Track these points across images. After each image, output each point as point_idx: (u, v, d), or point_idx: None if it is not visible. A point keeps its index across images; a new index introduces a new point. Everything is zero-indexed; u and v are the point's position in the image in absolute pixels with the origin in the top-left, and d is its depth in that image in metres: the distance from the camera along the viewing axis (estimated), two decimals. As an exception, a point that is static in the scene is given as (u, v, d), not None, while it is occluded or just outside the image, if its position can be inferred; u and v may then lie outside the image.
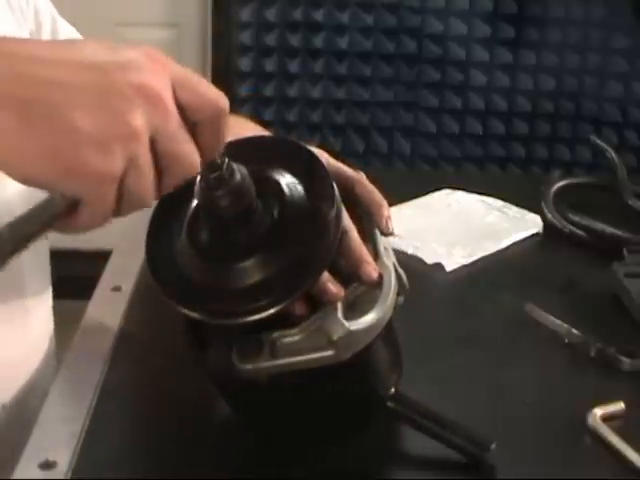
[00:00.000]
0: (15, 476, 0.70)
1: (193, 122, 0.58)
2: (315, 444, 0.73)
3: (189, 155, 0.57)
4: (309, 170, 0.68)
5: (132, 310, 0.95)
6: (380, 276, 0.69)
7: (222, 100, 0.58)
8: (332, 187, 0.67)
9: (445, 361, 0.88)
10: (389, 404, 0.74)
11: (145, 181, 0.56)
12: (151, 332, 0.93)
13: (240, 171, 0.63)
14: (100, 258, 1.04)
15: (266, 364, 0.65)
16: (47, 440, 0.75)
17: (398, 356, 0.75)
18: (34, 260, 0.91)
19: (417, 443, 0.75)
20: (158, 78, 0.55)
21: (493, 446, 0.72)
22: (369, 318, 0.67)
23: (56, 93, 0.53)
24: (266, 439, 0.75)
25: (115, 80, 0.54)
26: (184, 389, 0.83)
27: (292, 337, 0.66)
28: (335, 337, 0.65)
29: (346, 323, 0.65)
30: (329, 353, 0.65)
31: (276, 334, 0.66)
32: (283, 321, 0.66)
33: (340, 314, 0.66)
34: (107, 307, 0.96)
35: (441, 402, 0.77)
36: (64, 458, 0.73)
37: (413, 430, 0.75)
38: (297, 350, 0.66)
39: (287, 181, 0.67)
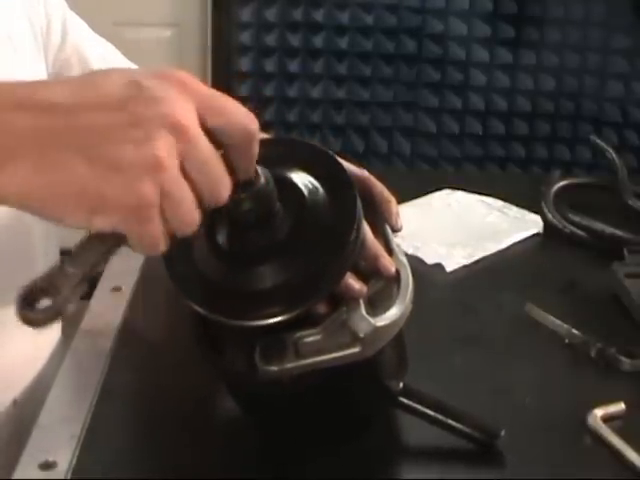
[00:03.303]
0: (15, 476, 0.70)
1: (224, 145, 0.57)
2: (329, 442, 0.73)
3: (219, 179, 0.57)
4: (331, 175, 0.68)
5: (132, 310, 0.95)
6: (397, 271, 0.69)
7: (251, 123, 0.58)
8: (354, 194, 0.67)
9: (445, 361, 0.88)
10: (401, 399, 0.74)
11: (182, 208, 0.55)
12: (151, 332, 0.93)
13: (264, 175, 0.63)
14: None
15: (291, 365, 0.65)
16: (47, 440, 0.75)
17: (404, 351, 0.75)
18: (45, 258, 0.92)
19: (426, 434, 0.76)
20: (181, 106, 0.55)
21: (502, 432, 0.74)
22: (392, 313, 0.67)
23: (76, 137, 0.54)
24: (276, 439, 0.75)
25: (136, 114, 0.54)
26: (185, 389, 0.83)
27: (314, 336, 0.66)
28: (362, 334, 0.65)
29: (372, 320, 0.66)
30: (355, 350, 0.66)
31: (298, 334, 0.65)
32: (304, 321, 0.66)
33: (364, 311, 0.66)
34: (107, 307, 0.96)
35: (441, 402, 0.77)
36: (64, 458, 0.73)
37: (416, 422, 0.75)
38: (321, 349, 0.66)
39: (308, 185, 0.67)
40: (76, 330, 0.91)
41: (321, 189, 0.67)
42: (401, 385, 0.75)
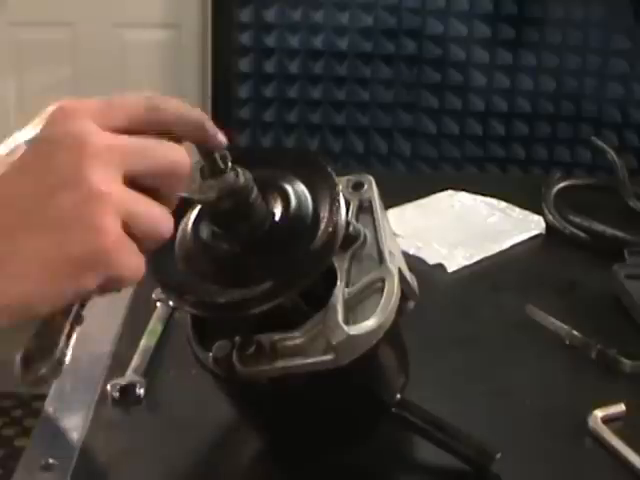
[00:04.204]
0: (16, 478, 0.71)
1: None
2: (318, 449, 0.73)
3: (172, 158, 0.54)
4: (315, 174, 0.68)
5: (132, 312, 0.95)
6: (383, 280, 0.68)
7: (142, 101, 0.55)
8: (338, 202, 0.67)
9: (446, 362, 0.88)
10: (394, 410, 0.73)
11: (149, 215, 0.52)
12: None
13: (244, 175, 0.63)
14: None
15: (266, 367, 0.65)
16: (47, 443, 0.75)
17: (404, 362, 0.75)
18: None
19: (421, 451, 0.75)
20: (87, 129, 0.51)
21: (498, 456, 0.72)
22: (369, 324, 0.66)
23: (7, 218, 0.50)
24: (268, 448, 0.75)
25: (48, 165, 0.50)
26: (184, 393, 0.83)
27: (293, 340, 0.65)
28: (334, 342, 0.64)
29: (346, 327, 0.65)
30: (328, 357, 0.65)
31: (277, 336, 0.65)
32: (284, 323, 0.66)
33: (340, 318, 0.65)
34: (107, 308, 0.96)
35: (441, 403, 0.77)
36: (64, 460, 0.73)
37: (418, 438, 0.74)
38: (298, 353, 0.65)
39: (296, 189, 0.67)
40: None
41: (305, 189, 0.67)
42: (398, 396, 0.73)
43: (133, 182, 0.52)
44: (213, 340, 0.68)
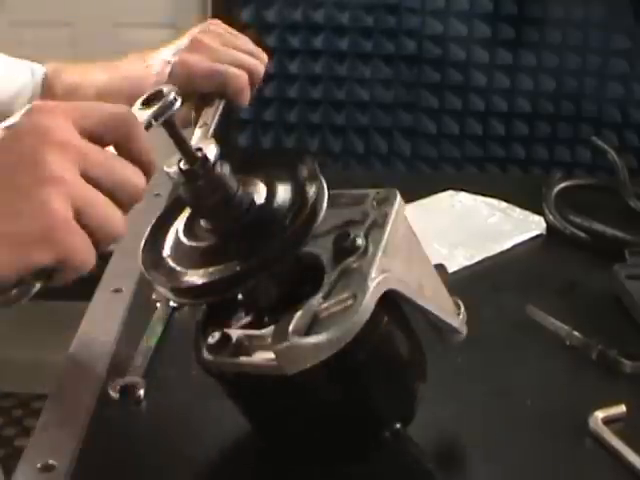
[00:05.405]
0: (15, 478, 0.70)
1: (113, 144, 0.59)
2: (303, 455, 0.72)
3: (127, 173, 0.58)
4: (304, 178, 0.69)
5: (132, 312, 0.95)
6: (355, 297, 0.65)
7: (120, 108, 0.60)
8: (319, 197, 0.68)
9: (446, 363, 0.88)
10: (386, 435, 0.71)
11: (99, 211, 0.56)
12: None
13: (222, 166, 0.66)
14: (100, 259, 1.04)
15: (224, 360, 0.66)
16: (47, 443, 0.75)
17: (408, 393, 0.73)
18: None
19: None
20: (54, 123, 0.56)
21: None
22: (317, 337, 0.63)
23: None
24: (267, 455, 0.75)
25: (13, 147, 0.55)
26: (184, 393, 0.83)
27: (261, 340, 0.65)
28: (276, 348, 0.63)
29: (289, 336, 0.63)
30: (273, 363, 0.64)
31: (246, 333, 0.66)
32: (261, 319, 0.67)
33: (292, 326, 0.63)
34: (108, 309, 0.96)
35: (442, 403, 0.77)
36: (64, 461, 0.73)
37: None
38: (257, 352, 0.65)
39: (279, 184, 0.69)
40: (73, 332, 0.91)
41: (289, 184, 0.69)
42: (397, 426, 0.71)
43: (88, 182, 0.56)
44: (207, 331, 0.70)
